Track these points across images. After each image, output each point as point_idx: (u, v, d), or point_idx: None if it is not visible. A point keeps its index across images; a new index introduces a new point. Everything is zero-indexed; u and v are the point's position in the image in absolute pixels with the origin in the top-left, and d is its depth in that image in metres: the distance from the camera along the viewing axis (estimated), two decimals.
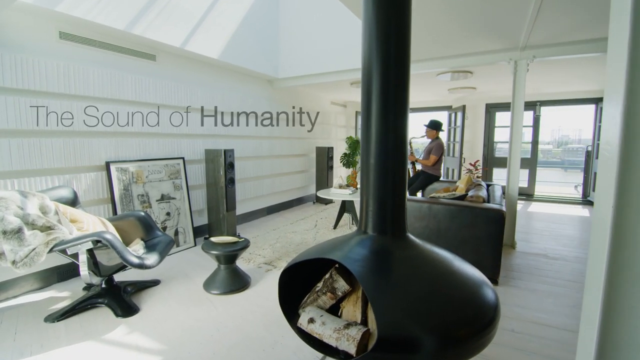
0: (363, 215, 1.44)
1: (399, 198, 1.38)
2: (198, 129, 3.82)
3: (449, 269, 1.29)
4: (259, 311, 2.24)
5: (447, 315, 1.11)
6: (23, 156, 2.42)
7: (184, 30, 3.35)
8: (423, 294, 1.17)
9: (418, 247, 1.35)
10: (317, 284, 1.47)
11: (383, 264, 1.29)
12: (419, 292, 1.18)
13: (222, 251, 2.50)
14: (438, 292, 1.18)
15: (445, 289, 1.20)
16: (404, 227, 1.40)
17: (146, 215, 2.69)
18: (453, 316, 1.12)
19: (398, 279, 1.21)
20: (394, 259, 1.31)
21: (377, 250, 1.34)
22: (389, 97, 1.33)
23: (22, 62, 2.38)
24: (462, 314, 1.13)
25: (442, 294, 1.18)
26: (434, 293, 1.18)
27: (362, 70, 1.41)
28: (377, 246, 1.35)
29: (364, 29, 1.38)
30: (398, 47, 1.32)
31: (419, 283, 1.21)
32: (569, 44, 3.24)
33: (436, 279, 1.24)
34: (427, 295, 1.16)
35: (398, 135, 1.35)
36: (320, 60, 4.46)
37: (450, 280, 1.23)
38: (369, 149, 1.38)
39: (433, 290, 1.19)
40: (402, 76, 1.33)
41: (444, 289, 1.19)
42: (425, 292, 1.18)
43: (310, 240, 3.77)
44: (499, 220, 2.59)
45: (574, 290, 2.60)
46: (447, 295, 1.17)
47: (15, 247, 1.88)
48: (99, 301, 2.28)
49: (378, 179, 1.37)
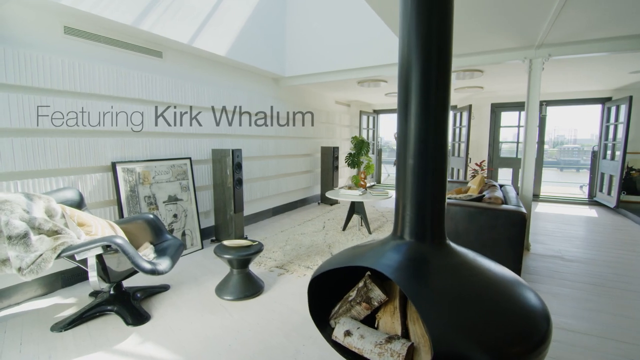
0: (399, 220, 1.36)
1: (439, 202, 1.29)
2: (205, 128, 3.72)
3: (494, 278, 1.20)
4: (277, 318, 2.15)
5: (500, 331, 1.03)
6: (27, 156, 2.31)
7: (191, 26, 3.25)
8: (472, 307, 1.09)
9: (460, 255, 1.27)
10: (349, 293, 1.39)
11: (424, 273, 1.20)
12: (468, 304, 1.09)
13: (235, 255, 2.40)
14: (487, 304, 1.10)
15: (494, 301, 1.12)
16: (443, 233, 1.31)
17: (155, 217, 2.59)
18: (506, 331, 1.04)
19: (443, 290, 1.13)
20: (436, 267, 1.22)
21: (417, 258, 1.26)
22: (430, 94, 1.25)
23: (26, 58, 2.27)
24: (515, 329, 1.05)
25: (492, 306, 1.10)
26: (483, 305, 1.09)
27: (399, 66, 1.33)
28: (416, 254, 1.27)
29: (402, 21, 1.30)
30: (440, 40, 1.24)
31: (466, 295, 1.13)
32: (587, 42, 3.18)
33: (483, 290, 1.15)
34: (477, 308, 1.08)
35: (439, 134, 1.26)
36: (328, 58, 4.37)
37: (497, 292, 1.15)
38: (406, 149, 1.30)
39: (481, 303, 1.10)
40: (443, 71, 1.25)
41: (492, 301, 1.11)
42: (474, 304, 1.10)
43: (320, 242, 3.68)
44: (521, 222, 2.52)
45: (595, 294, 2.54)
46: (496, 308, 1.09)
47: (22, 253, 1.77)
48: (107, 308, 2.17)
49: (417, 181, 1.29)
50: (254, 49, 4.07)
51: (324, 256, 3.23)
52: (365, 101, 7.59)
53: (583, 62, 3.93)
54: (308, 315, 2.18)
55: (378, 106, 8.27)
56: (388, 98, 6.78)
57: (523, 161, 3.52)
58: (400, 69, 1.31)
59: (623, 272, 2.96)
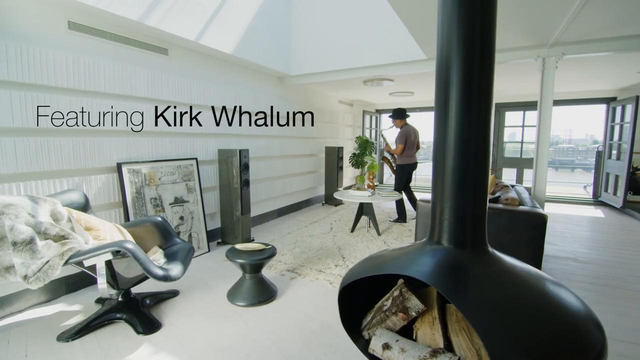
0: (436, 225, 1.28)
1: (481, 206, 1.22)
2: (210, 127, 3.62)
3: (542, 289, 1.13)
4: (294, 325, 2.07)
5: (561, 346, 0.96)
6: (29, 157, 2.20)
7: (198, 23, 3.15)
8: (528, 320, 1.01)
9: (503, 263, 1.19)
10: (382, 302, 1.31)
11: (468, 283, 1.13)
12: (523, 317, 1.02)
13: (248, 260, 2.31)
14: (541, 317, 1.03)
15: (548, 314, 1.04)
16: (485, 239, 1.24)
17: (163, 220, 2.49)
18: (568, 346, 0.96)
19: (493, 302, 1.05)
20: (480, 276, 1.15)
21: (458, 266, 1.18)
22: (473, 91, 1.17)
23: (28, 54, 2.16)
24: (576, 344, 0.98)
25: (547, 319, 1.02)
26: (538, 318, 1.02)
27: (437, 62, 1.25)
28: (457, 261, 1.19)
29: (442, 14, 1.22)
30: (483, 34, 1.16)
31: (519, 307, 1.05)
32: (601, 41, 3.13)
33: (534, 301, 1.08)
34: (532, 322, 1.01)
35: (482, 133, 1.19)
36: (335, 56, 4.29)
37: (549, 304, 1.07)
38: (445, 148, 1.23)
39: (536, 315, 1.03)
40: (487, 68, 1.18)
41: (547, 314, 1.04)
42: (530, 317, 1.02)
43: (330, 244, 3.60)
44: (541, 224, 2.46)
45: (616, 297, 2.48)
46: (553, 321, 1.02)
47: (27, 260, 1.67)
48: (116, 316, 2.07)
49: (457, 183, 1.21)
50: (259, 46, 3.98)
51: (335, 259, 3.15)
52: (368, 101, 7.52)
53: (589, 62, 3.89)
54: (326, 321, 2.11)
55: (380, 106, 8.21)
56: (392, 98, 6.72)
57: (536, 161, 3.47)
58: (439, 64, 1.24)
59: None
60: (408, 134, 4.50)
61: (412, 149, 4.55)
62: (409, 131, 4.52)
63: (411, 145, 4.53)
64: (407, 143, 4.49)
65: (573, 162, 18.35)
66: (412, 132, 4.55)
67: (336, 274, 2.81)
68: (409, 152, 4.54)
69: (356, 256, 3.22)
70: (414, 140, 4.55)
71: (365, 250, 3.38)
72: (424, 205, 2.89)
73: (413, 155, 4.59)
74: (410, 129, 4.56)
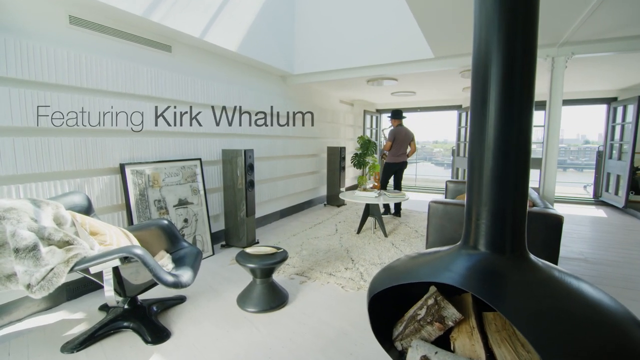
0: (472, 229, 1.22)
1: (521, 209, 1.16)
2: (213, 127, 3.53)
3: (589, 296, 1.07)
4: (309, 332, 1.99)
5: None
6: (29, 158, 2.10)
7: (202, 19, 3.06)
8: (581, 332, 0.95)
9: (544, 270, 1.13)
10: (416, 311, 1.24)
11: (514, 291, 1.06)
12: (574, 329, 0.96)
13: (259, 264, 2.23)
14: (594, 328, 0.97)
15: (601, 324, 0.98)
16: (524, 244, 1.18)
17: (170, 223, 2.40)
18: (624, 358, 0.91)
19: (542, 311, 0.99)
20: (523, 284, 1.08)
21: (499, 273, 1.12)
22: (514, 89, 1.11)
23: (28, 49, 2.05)
24: (633, 355, 0.92)
25: (600, 331, 0.96)
26: (591, 330, 0.96)
27: (474, 58, 1.19)
28: (497, 267, 1.13)
29: (480, 5, 1.15)
30: (526, 26, 1.10)
31: (569, 317, 0.99)
32: (610, 41, 3.11)
33: (584, 311, 1.01)
34: (585, 333, 0.95)
35: (523, 132, 1.13)
36: (339, 55, 4.22)
37: (600, 313, 1.02)
38: (483, 148, 1.16)
39: (587, 326, 0.97)
40: (529, 64, 1.11)
41: (599, 325, 0.98)
42: (581, 328, 0.96)
43: (337, 246, 3.53)
44: (557, 225, 2.41)
45: (631, 299, 2.45)
46: (608, 333, 0.96)
47: (31, 267, 1.57)
48: (123, 325, 1.98)
49: (496, 185, 1.15)
50: (263, 44, 3.89)
51: (345, 262, 3.08)
52: (369, 100, 7.47)
53: (591, 62, 3.89)
54: (342, 328, 2.03)
55: (381, 105, 8.16)
56: (394, 97, 6.67)
57: (545, 162, 3.44)
58: (476, 60, 1.17)
59: None
60: (397, 133, 4.78)
61: (399, 149, 4.80)
62: (399, 131, 4.80)
63: (398, 145, 4.78)
64: (395, 142, 4.76)
65: (565, 162, 18.56)
66: (402, 132, 4.81)
67: (347, 277, 2.75)
68: (395, 151, 4.80)
69: (365, 259, 3.16)
70: (402, 140, 4.79)
71: (374, 253, 3.32)
72: (436, 206, 2.84)
73: (400, 155, 4.82)
74: (402, 130, 4.82)
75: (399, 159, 4.83)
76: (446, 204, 2.79)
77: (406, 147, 4.84)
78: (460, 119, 6.94)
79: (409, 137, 4.84)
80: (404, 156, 4.84)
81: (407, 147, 4.85)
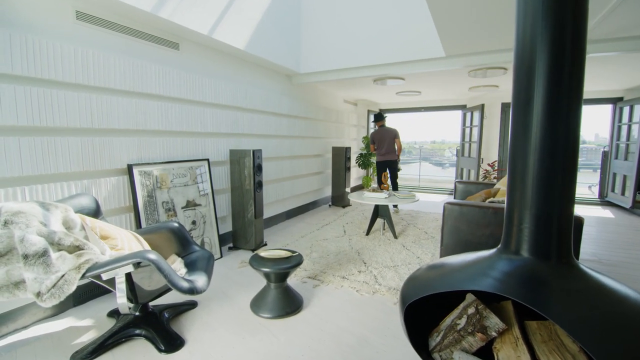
0: (513, 233, 1.16)
1: (567, 213, 1.10)
2: (221, 127, 3.45)
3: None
4: (328, 339, 1.92)
5: None
6: (35, 158, 2.01)
7: (211, 16, 2.98)
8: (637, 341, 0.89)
9: (592, 278, 1.07)
10: (455, 321, 1.17)
11: (565, 301, 1.00)
12: (631, 338, 0.90)
13: (274, 268, 2.16)
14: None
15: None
16: (571, 251, 1.12)
17: (180, 226, 2.32)
18: None
19: (596, 320, 0.93)
20: (573, 293, 1.02)
21: (545, 281, 1.06)
22: (562, 86, 1.05)
23: (34, 45, 1.97)
24: None
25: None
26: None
27: (516, 53, 1.13)
28: (542, 275, 1.07)
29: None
30: (575, 19, 1.04)
31: (623, 326, 0.93)
32: (621, 40, 3.07)
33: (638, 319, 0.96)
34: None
35: (571, 132, 1.07)
36: (346, 54, 4.14)
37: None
38: (526, 148, 1.10)
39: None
40: (578, 58, 1.05)
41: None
42: (637, 337, 0.90)
43: (347, 248, 3.46)
44: (577, 227, 2.36)
45: None
46: None
47: (40, 274, 1.49)
48: (134, 332, 1.90)
49: (541, 187, 1.09)
50: (270, 42, 3.81)
51: (357, 265, 3.02)
52: (373, 100, 7.41)
53: (597, 62, 3.84)
54: (362, 335, 1.97)
55: (385, 105, 8.11)
56: (398, 97, 6.62)
57: None
58: (519, 55, 1.11)
59: None
60: (375, 134, 5.20)
61: (381, 148, 5.12)
62: (377, 132, 5.19)
63: (379, 145, 5.13)
64: (376, 143, 5.18)
65: None
66: (379, 132, 5.15)
67: (361, 280, 2.68)
68: (378, 151, 5.17)
69: (378, 261, 3.09)
70: (380, 139, 5.11)
71: (386, 255, 3.26)
72: (451, 208, 2.78)
73: (384, 154, 5.11)
74: (380, 130, 5.17)
75: (384, 157, 5.09)
76: (462, 205, 2.73)
77: (389, 145, 5.06)
78: (464, 118, 6.90)
79: (389, 135, 5.06)
80: (389, 155, 5.08)
81: (390, 145, 5.05)
